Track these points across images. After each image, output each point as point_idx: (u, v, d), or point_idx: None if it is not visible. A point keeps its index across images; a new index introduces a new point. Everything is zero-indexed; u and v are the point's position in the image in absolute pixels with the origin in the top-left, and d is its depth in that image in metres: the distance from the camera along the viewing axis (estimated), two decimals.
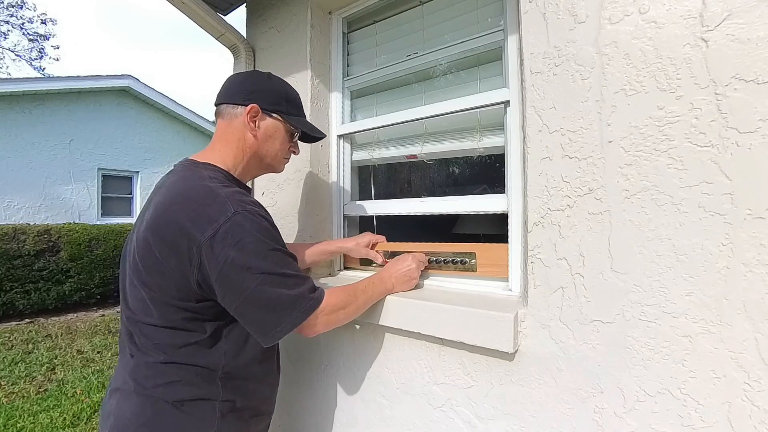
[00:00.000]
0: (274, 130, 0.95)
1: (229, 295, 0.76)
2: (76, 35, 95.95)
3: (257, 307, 0.77)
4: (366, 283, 0.97)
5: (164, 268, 0.78)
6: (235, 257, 0.74)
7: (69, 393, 3.09)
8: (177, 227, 0.76)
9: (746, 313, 0.64)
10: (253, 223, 0.78)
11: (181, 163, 0.92)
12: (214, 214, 0.76)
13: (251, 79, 0.97)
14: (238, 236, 0.75)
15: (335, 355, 1.21)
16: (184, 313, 0.80)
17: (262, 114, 0.93)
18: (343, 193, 1.45)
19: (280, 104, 0.95)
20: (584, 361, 0.79)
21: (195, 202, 0.78)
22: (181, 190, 0.82)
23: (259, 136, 0.94)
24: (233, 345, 0.84)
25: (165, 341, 0.81)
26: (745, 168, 0.65)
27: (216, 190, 0.80)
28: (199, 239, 0.74)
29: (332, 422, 1.22)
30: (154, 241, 0.78)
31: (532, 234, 0.85)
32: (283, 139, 0.98)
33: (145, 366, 0.82)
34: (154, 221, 0.80)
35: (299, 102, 1.02)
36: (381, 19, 1.38)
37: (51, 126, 7.27)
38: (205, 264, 0.75)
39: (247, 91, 0.93)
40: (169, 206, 0.80)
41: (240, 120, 0.92)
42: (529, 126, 0.86)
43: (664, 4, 0.72)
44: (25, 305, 5.28)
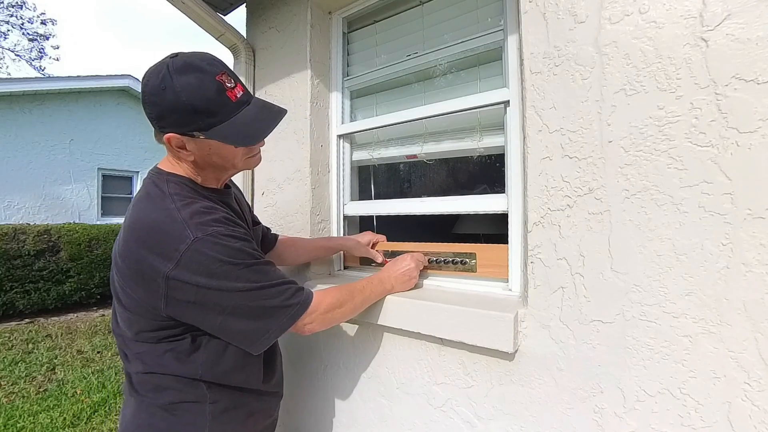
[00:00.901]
0: (209, 147, 0.79)
1: (209, 319, 0.75)
2: (76, 35, 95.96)
3: (241, 320, 0.76)
4: (364, 282, 0.97)
5: (134, 295, 0.77)
6: (205, 283, 0.72)
7: (69, 393, 3.08)
8: (138, 258, 0.74)
9: (746, 313, 0.64)
10: (215, 247, 0.73)
11: (149, 173, 0.86)
12: (174, 243, 0.71)
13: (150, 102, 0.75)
14: (203, 264, 0.71)
15: (335, 355, 1.21)
16: (160, 332, 0.79)
17: (186, 138, 0.77)
18: (343, 193, 1.45)
19: (193, 122, 0.75)
20: (584, 361, 0.79)
21: (154, 230, 0.74)
22: (141, 216, 0.77)
23: (198, 158, 0.81)
24: (212, 354, 0.82)
25: (144, 352, 0.81)
26: (745, 168, 0.65)
27: (174, 214, 0.74)
28: (162, 270, 0.71)
29: (332, 422, 1.22)
30: (123, 269, 0.77)
31: (532, 234, 0.85)
32: (226, 150, 0.81)
33: (134, 374, 0.83)
34: (121, 248, 0.78)
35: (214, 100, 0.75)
36: (381, 19, 1.38)
37: (51, 126, 7.27)
38: (172, 295, 0.72)
39: (155, 117, 0.76)
40: (131, 233, 0.77)
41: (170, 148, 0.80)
42: (529, 126, 0.86)
43: (664, 4, 0.72)
44: (25, 305, 5.27)
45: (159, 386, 0.81)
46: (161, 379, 0.80)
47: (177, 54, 0.77)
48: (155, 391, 0.81)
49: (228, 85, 0.76)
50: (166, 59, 0.76)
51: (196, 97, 0.73)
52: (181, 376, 0.81)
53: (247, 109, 0.78)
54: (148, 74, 0.76)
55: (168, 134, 0.76)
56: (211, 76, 0.75)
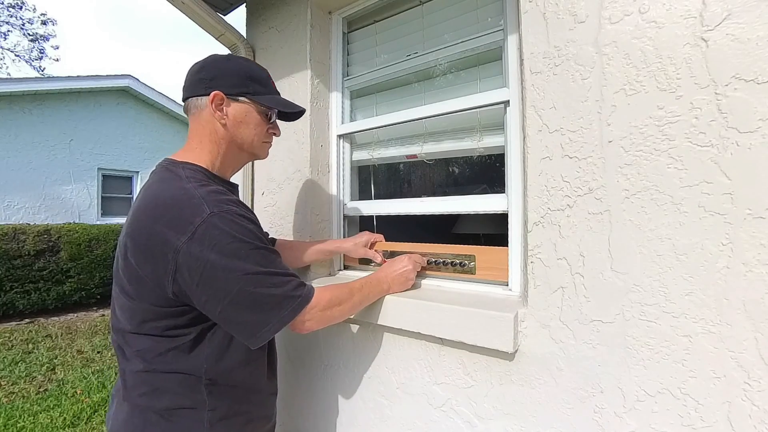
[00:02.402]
0: (245, 114, 0.89)
1: (212, 300, 0.73)
2: (76, 35, 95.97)
3: (243, 309, 0.74)
4: (362, 282, 0.97)
5: (140, 275, 0.75)
6: (214, 260, 0.71)
7: (69, 393, 3.09)
8: (151, 232, 0.74)
9: (746, 312, 0.64)
10: (231, 224, 0.74)
11: (160, 164, 0.88)
12: (189, 217, 0.72)
13: (209, 65, 0.88)
14: (215, 238, 0.72)
15: (335, 355, 1.21)
16: (163, 321, 0.77)
17: (228, 100, 0.86)
18: (343, 193, 1.45)
19: (244, 85, 0.88)
20: (584, 360, 0.79)
21: (169, 206, 0.75)
22: (156, 194, 0.79)
23: (229, 124, 0.88)
24: (216, 349, 0.81)
25: (145, 348, 0.78)
26: (745, 168, 0.65)
27: (191, 191, 0.76)
28: (175, 244, 0.71)
29: (332, 422, 1.22)
30: (131, 247, 0.76)
31: (532, 234, 0.85)
32: (257, 122, 0.91)
33: (130, 374, 0.80)
34: (131, 227, 0.78)
35: (267, 78, 0.93)
36: (381, 18, 1.38)
37: (51, 126, 7.27)
38: (181, 271, 0.71)
39: (207, 78, 0.86)
40: (144, 211, 0.77)
41: (206, 111, 0.86)
42: (529, 126, 0.86)
43: (664, 4, 0.72)
44: (25, 305, 5.28)
45: (157, 389, 0.79)
46: (161, 379, 0.78)
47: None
48: (152, 394, 0.79)
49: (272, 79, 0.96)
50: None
51: (253, 68, 0.92)
52: (184, 373, 0.79)
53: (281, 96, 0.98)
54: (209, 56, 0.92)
55: (215, 92, 0.84)
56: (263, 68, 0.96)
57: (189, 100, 0.89)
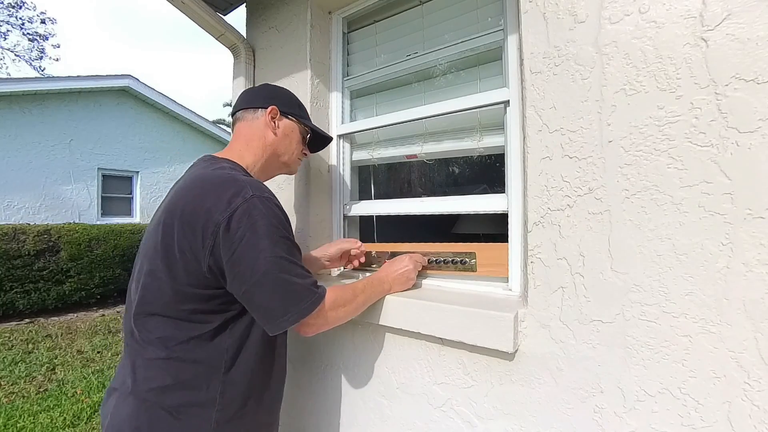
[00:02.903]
0: (291, 130, 1.05)
1: (240, 277, 0.76)
2: (76, 35, 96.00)
3: (267, 292, 0.77)
4: (365, 282, 0.97)
5: (177, 251, 0.78)
6: (249, 238, 0.76)
7: (69, 393, 3.09)
8: (195, 207, 0.79)
9: (746, 312, 0.64)
10: (269, 209, 0.80)
11: (201, 158, 0.98)
12: (232, 196, 0.78)
13: (267, 88, 1.11)
14: (253, 218, 0.77)
15: (335, 355, 1.21)
16: (191, 303, 0.80)
17: (281, 115, 1.03)
18: (343, 193, 1.45)
19: (294, 108, 1.07)
20: (584, 360, 0.79)
21: (214, 185, 0.81)
22: (202, 176, 0.86)
23: (279, 134, 1.03)
24: (236, 341, 0.84)
25: (168, 334, 0.80)
26: (745, 168, 0.65)
27: (236, 176, 0.84)
28: (216, 219, 0.76)
29: (332, 422, 1.22)
30: (172, 222, 0.80)
31: (532, 234, 0.85)
32: (298, 140, 1.07)
33: (144, 364, 0.80)
34: (173, 204, 0.82)
35: (305, 109, 1.15)
36: (381, 18, 1.38)
37: (51, 126, 7.27)
38: (218, 245, 0.76)
39: (266, 96, 1.05)
40: (189, 189, 0.83)
41: (261, 120, 1.01)
42: (529, 126, 0.86)
43: (664, 4, 0.72)
44: (25, 305, 5.28)
45: (169, 385, 0.79)
46: (180, 368, 0.79)
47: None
48: (163, 389, 0.79)
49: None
50: None
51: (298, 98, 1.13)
52: (203, 363, 0.80)
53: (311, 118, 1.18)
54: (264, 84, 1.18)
55: (273, 105, 1.02)
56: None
57: (243, 111, 1.03)
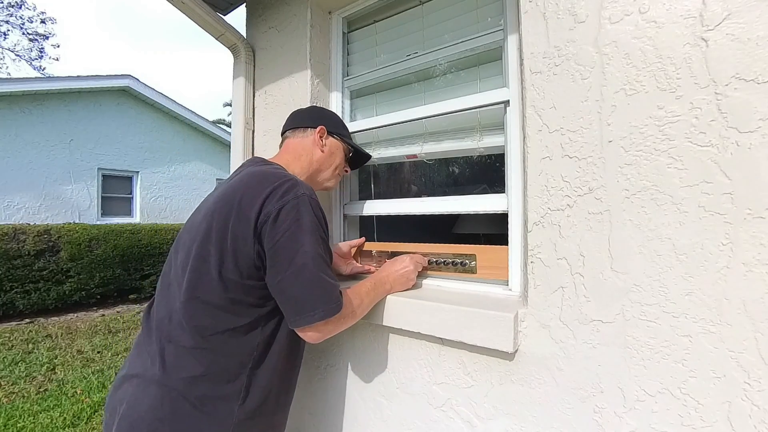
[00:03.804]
0: (336, 148, 1.14)
1: (278, 265, 0.80)
2: (76, 35, 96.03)
3: (302, 283, 0.80)
4: (369, 285, 0.97)
5: (230, 237, 0.82)
6: (294, 231, 0.81)
7: (69, 393, 3.09)
8: (252, 197, 0.83)
9: (746, 312, 0.64)
10: (315, 208, 0.86)
11: (251, 159, 1.07)
12: (286, 191, 0.83)
13: (316, 110, 1.21)
14: (300, 213, 0.82)
15: (335, 355, 1.21)
16: (233, 293, 0.82)
17: (328, 134, 1.12)
18: (343, 193, 1.45)
19: (339, 129, 1.17)
20: (584, 360, 0.79)
21: (271, 179, 0.86)
22: (260, 171, 0.92)
23: (326, 152, 1.11)
24: (267, 338, 0.87)
25: (206, 324, 0.82)
26: (745, 168, 0.65)
27: (290, 176, 0.90)
28: (268, 209, 0.81)
29: (332, 422, 1.22)
30: (229, 210, 0.84)
31: (532, 234, 0.85)
32: (341, 157, 1.16)
33: (175, 351, 0.82)
34: (229, 194, 0.87)
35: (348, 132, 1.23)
36: (381, 18, 1.38)
37: (51, 126, 7.27)
38: (265, 233, 0.81)
39: (315, 117, 1.14)
40: (247, 182, 0.88)
41: (310, 139, 1.10)
42: (529, 126, 0.86)
43: (664, 4, 0.72)
44: (25, 305, 5.28)
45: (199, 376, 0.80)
46: (209, 360, 0.81)
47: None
48: (192, 379, 0.80)
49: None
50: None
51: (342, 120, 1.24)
52: (234, 356, 0.83)
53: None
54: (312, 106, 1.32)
55: (321, 125, 1.11)
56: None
57: (291, 131, 1.13)
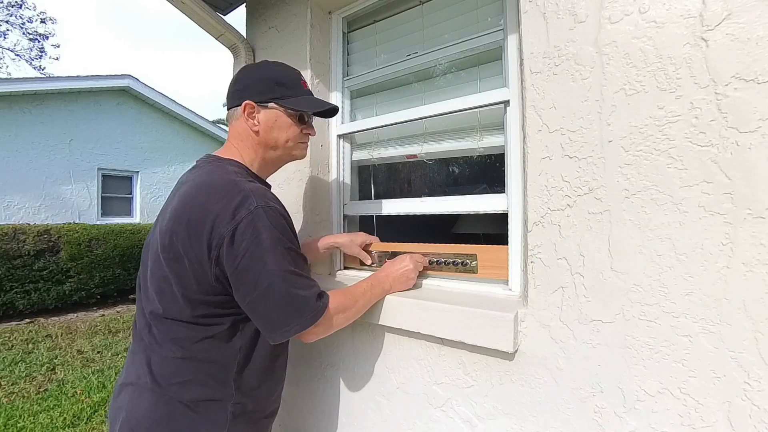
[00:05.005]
0: (275, 119, 0.94)
1: (243, 288, 0.77)
2: (76, 35, 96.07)
3: (270, 302, 0.77)
4: (366, 285, 0.97)
5: (185, 259, 0.78)
6: (254, 251, 0.76)
7: (69, 393, 3.08)
8: (201, 217, 0.78)
9: (746, 312, 0.64)
10: (274, 219, 0.79)
11: (204, 158, 0.95)
12: (237, 207, 0.77)
13: (241, 77, 0.97)
14: (257, 230, 0.76)
15: (335, 355, 1.21)
16: (203, 308, 0.80)
17: (258, 107, 0.93)
18: (343, 192, 1.45)
19: (272, 91, 0.93)
20: (584, 360, 0.79)
21: (220, 194, 0.80)
22: (207, 182, 0.84)
23: (262, 130, 0.94)
24: (248, 341, 0.85)
25: (183, 335, 0.81)
26: (745, 167, 0.65)
27: (240, 184, 0.82)
28: (221, 231, 0.76)
29: (332, 422, 1.22)
30: (178, 231, 0.79)
31: (532, 234, 0.85)
32: (288, 125, 0.96)
33: (162, 361, 0.82)
34: (179, 212, 0.81)
35: (296, 80, 0.98)
36: (381, 18, 1.38)
37: (51, 126, 7.26)
38: (223, 256, 0.76)
39: (239, 90, 0.95)
40: (194, 197, 0.82)
41: (241, 120, 0.94)
42: (529, 126, 0.86)
43: (664, 4, 0.72)
44: (25, 305, 5.28)
45: (188, 380, 0.81)
46: (194, 367, 0.81)
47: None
48: (182, 384, 0.80)
49: (303, 79, 1.00)
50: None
51: (280, 73, 0.96)
52: (217, 363, 0.82)
53: (312, 96, 1.02)
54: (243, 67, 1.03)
55: (246, 101, 0.92)
56: (295, 71, 1.00)
57: (228, 111, 0.97)
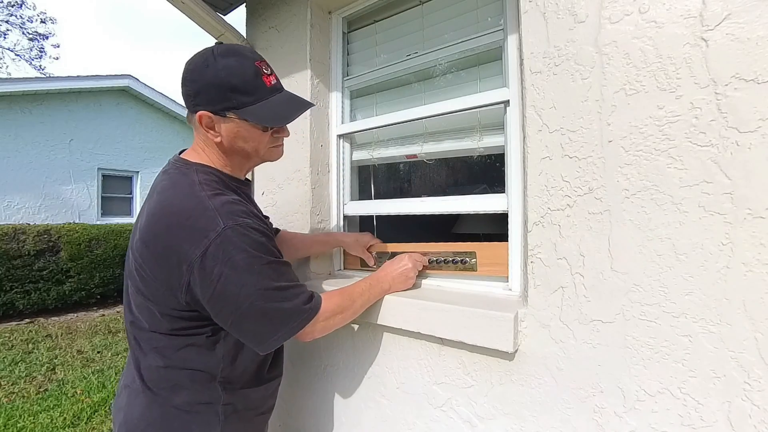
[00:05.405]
0: (236, 129, 0.82)
1: (224, 312, 0.75)
2: (76, 35, 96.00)
3: (253, 320, 0.76)
4: (364, 285, 0.97)
5: (156, 283, 0.77)
6: (228, 275, 0.72)
7: (69, 393, 3.08)
8: (166, 243, 0.74)
9: (746, 312, 0.64)
10: (244, 237, 0.74)
11: (173, 162, 0.87)
12: (203, 230, 0.72)
13: (190, 76, 0.80)
14: (229, 253, 0.72)
15: (335, 355, 1.21)
16: (180, 322, 0.79)
17: (215, 117, 0.80)
18: (343, 192, 1.45)
19: (227, 99, 0.78)
20: (584, 360, 0.79)
21: (184, 216, 0.74)
22: (171, 201, 0.78)
23: (224, 141, 0.83)
24: (231, 347, 0.83)
25: (163, 345, 0.80)
26: (745, 167, 0.65)
27: (205, 202, 0.75)
28: (189, 257, 0.71)
29: (332, 422, 1.22)
30: (146, 253, 0.77)
31: (532, 234, 0.85)
32: (253, 135, 0.84)
33: (148, 369, 0.82)
34: (145, 233, 0.78)
35: (253, 80, 0.80)
36: (381, 18, 1.38)
37: (51, 126, 7.27)
38: (195, 283, 0.72)
39: (190, 95, 0.80)
40: (159, 219, 0.77)
41: (201, 129, 0.82)
42: (529, 125, 0.86)
43: (664, 4, 0.72)
44: (25, 305, 5.27)
45: (176, 385, 0.81)
46: (179, 375, 0.80)
47: (222, 42, 0.89)
48: (171, 388, 0.81)
49: (264, 71, 0.82)
50: (212, 46, 0.82)
51: (234, 75, 0.78)
52: (201, 371, 0.81)
53: (278, 95, 0.85)
54: (193, 57, 0.82)
55: (200, 112, 0.79)
56: (250, 61, 0.81)
57: (186, 115, 0.87)
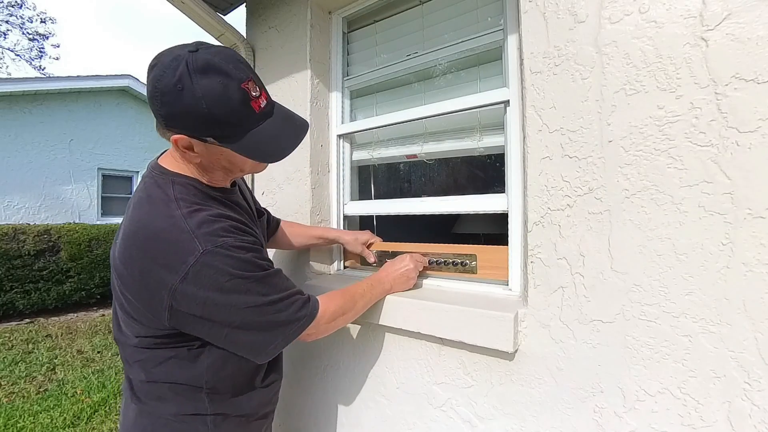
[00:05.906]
0: (219, 153, 0.75)
1: (215, 330, 0.73)
2: (76, 35, 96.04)
3: (248, 335, 0.74)
4: (365, 286, 0.97)
5: (138, 302, 0.74)
6: (214, 297, 0.69)
7: (69, 393, 3.08)
8: (143, 268, 0.70)
9: (746, 312, 0.64)
10: (226, 259, 0.69)
11: (151, 170, 0.80)
12: (181, 256, 0.68)
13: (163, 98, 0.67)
14: (211, 277, 0.68)
15: (335, 355, 1.21)
16: (164, 338, 0.77)
17: (196, 141, 0.72)
18: (343, 192, 1.45)
19: (210, 129, 0.70)
20: (584, 360, 0.79)
21: (160, 240, 0.70)
22: (145, 222, 0.73)
23: (204, 161, 0.76)
24: (217, 358, 0.80)
25: (146, 358, 0.79)
26: (745, 167, 0.65)
27: (180, 224, 0.70)
28: (169, 283, 0.68)
29: (332, 422, 1.22)
30: (125, 275, 0.73)
31: (532, 233, 0.85)
32: (237, 160, 0.77)
33: (135, 380, 0.82)
34: (122, 255, 0.73)
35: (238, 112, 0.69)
36: (381, 18, 1.38)
37: (51, 126, 7.27)
38: (178, 307, 0.69)
39: (162, 115, 0.69)
40: (134, 242, 0.72)
41: (177, 148, 0.73)
42: (529, 125, 0.86)
43: (664, 4, 0.72)
44: (25, 305, 5.27)
45: (160, 397, 0.80)
46: (163, 388, 0.79)
47: (197, 48, 0.67)
48: (158, 399, 0.80)
49: (253, 94, 0.70)
50: (184, 53, 0.66)
51: (218, 105, 0.66)
52: (185, 384, 0.79)
53: (269, 122, 0.74)
54: (161, 67, 0.66)
55: (177, 135, 0.70)
56: (236, 83, 0.68)
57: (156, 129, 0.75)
